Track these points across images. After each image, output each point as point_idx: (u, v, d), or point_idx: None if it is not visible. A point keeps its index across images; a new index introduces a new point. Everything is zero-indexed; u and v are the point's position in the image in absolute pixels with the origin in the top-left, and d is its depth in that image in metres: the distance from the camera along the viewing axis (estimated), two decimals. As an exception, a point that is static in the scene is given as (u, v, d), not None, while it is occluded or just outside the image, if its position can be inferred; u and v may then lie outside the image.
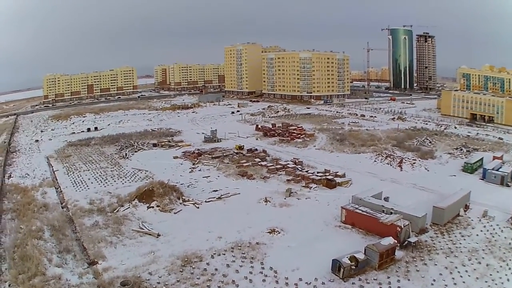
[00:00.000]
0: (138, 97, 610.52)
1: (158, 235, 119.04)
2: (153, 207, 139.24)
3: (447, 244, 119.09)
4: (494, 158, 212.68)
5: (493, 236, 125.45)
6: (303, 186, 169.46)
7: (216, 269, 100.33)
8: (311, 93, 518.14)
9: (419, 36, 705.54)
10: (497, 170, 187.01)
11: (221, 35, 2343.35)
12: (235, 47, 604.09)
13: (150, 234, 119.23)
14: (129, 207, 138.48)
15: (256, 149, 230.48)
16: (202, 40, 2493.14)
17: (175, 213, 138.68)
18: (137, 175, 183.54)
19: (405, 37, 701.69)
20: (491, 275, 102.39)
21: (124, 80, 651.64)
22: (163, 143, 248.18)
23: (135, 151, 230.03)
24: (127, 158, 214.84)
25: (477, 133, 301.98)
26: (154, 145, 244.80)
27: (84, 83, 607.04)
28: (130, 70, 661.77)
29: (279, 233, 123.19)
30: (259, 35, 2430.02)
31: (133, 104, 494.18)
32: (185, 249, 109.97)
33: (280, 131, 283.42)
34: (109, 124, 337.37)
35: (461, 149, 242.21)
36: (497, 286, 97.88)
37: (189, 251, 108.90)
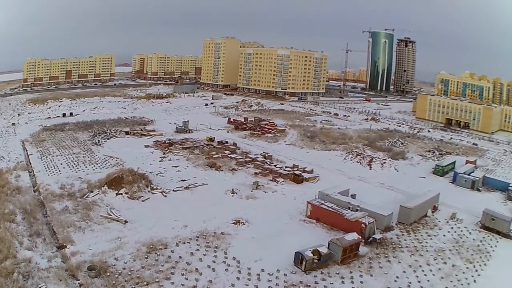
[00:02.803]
0: (114, 84, 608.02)
1: (125, 221, 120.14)
2: (121, 194, 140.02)
3: (412, 243, 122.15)
4: (467, 162, 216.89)
5: (461, 238, 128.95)
6: (270, 180, 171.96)
7: (180, 257, 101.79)
8: (286, 89, 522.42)
9: (400, 41, 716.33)
10: (469, 174, 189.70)
11: (202, 26, 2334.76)
12: (214, 41, 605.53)
13: (117, 221, 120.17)
14: (98, 193, 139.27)
15: (227, 142, 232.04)
16: (182, 30, 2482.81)
17: (143, 200, 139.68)
18: (108, 162, 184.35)
19: (385, 41, 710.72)
20: (456, 275, 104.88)
21: (102, 67, 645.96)
22: (135, 132, 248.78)
23: (108, 138, 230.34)
24: (100, 144, 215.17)
25: (451, 138, 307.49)
26: (127, 133, 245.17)
27: (63, 68, 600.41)
28: (109, 58, 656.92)
29: (244, 224, 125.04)
30: (239, 29, 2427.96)
31: (109, 91, 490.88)
32: (151, 236, 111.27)
33: (252, 125, 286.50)
34: (84, 110, 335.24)
35: (433, 152, 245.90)
36: (462, 286, 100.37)
37: (154, 239, 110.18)
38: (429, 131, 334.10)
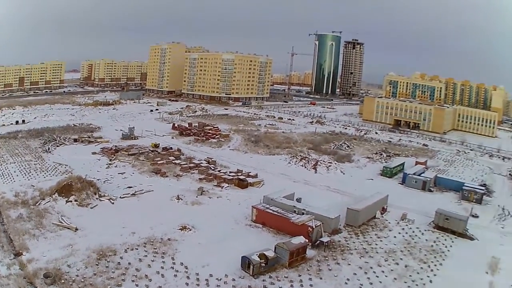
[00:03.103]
0: (64, 91, 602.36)
1: (76, 229, 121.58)
2: (71, 201, 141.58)
3: (361, 245, 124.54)
4: (417, 163, 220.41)
5: (412, 239, 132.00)
6: (215, 185, 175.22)
7: (129, 263, 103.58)
8: (230, 94, 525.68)
9: (348, 43, 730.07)
10: (419, 175, 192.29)
11: (152, 32, 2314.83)
12: (160, 46, 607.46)
13: (68, 228, 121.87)
14: (50, 201, 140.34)
15: (171, 148, 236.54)
16: (133, 36, 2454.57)
17: (91, 208, 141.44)
18: (58, 169, 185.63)
19: (332, 43, 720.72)
20: (410, 276, 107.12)
21: (52, 74, 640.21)
22: (83, 139, 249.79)
23: (58, 146, 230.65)
24: (50, 152, 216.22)
25: (400, 139, 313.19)
26: (75, 140, 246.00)
27: (17, 75, 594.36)
28: (59, 64, 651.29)
29: (190, 230, 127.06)
30: (188, 34, 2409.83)
31: (59, 99, 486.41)
32: (101, 243, 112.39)
33: (196, 131, 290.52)
34: (35, 118, 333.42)
35: (381, 154, 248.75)
36: (418, 287, 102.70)
37: (104, 245, 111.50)
38: (376, 133, 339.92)
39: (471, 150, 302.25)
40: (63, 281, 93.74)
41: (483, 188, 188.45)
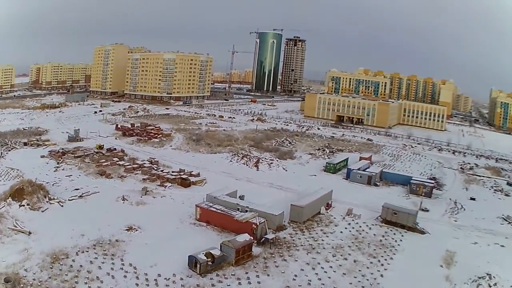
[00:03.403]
0: (14, 95, 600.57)
1: (30, 233, 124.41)
2: (24, 205, 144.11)
3: (308, 241, 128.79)
4: (361, 158, 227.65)
5: (360, 233, 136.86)
6: (158, 185, 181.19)
7: (81, 266, 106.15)
8: (171, 94, 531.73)
9: (289, 40, 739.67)
10: (364, 170, 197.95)
11: (98, 34, 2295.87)
12: (104, 48, 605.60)
13: (22, 232, 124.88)
14: (4, 206, 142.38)
15: (115, 149, 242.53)
16: (81, 38, 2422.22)
17: (42, 211, 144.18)
18: (10, 173, 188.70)
19: (273, 41, 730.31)
20: (360, 271, 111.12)
21: (3, 78, 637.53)
22: (32, 142, 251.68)
23: (9, 150, 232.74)
24: (2, 157, 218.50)
25: (343, 134, 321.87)
26: (25, 144, 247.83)
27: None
28: (9, 69, 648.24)
29: (136, 230, 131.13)
30: (133, 36, 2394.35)
31: (9, 103, 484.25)
32: (53, 247, 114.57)
33: (138, 131, 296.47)
34: None
35: (324, 150, 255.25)
36: (368, 281, 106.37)
37: (56, 249, 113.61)
38: (319, 129, 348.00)
39: (418, 144, 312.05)
40: (22, 285, 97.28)
41: (432, 181, 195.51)
